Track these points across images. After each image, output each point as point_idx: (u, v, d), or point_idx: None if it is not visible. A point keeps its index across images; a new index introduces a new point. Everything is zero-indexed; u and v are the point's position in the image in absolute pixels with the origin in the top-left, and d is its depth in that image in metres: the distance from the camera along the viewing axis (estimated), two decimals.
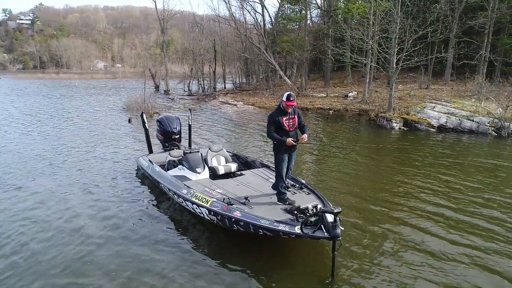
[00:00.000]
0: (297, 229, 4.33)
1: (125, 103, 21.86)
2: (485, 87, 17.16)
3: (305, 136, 5.29)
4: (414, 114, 15.93)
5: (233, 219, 4.89)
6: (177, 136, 8.98)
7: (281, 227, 4.44)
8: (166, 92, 32.19)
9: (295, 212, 4.84)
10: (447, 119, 14.94)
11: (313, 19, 35.56)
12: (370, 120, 16.85)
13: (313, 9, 33.23)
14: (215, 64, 33.58)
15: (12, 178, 8.15)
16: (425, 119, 15.21)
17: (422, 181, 8.17)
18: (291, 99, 5.19)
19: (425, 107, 16.42)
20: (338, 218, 4.21)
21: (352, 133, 14.58)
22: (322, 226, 4.22)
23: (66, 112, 19.79)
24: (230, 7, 32.66)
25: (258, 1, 29.54)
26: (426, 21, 17.75)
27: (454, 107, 15.83)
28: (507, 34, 24.32)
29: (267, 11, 36.55)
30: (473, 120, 14.39)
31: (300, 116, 5.48)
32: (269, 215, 4.82)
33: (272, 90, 26.89)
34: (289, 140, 5.14)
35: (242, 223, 4.79)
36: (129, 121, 16.49)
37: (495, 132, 13.62)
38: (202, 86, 32.66)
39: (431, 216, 6.20)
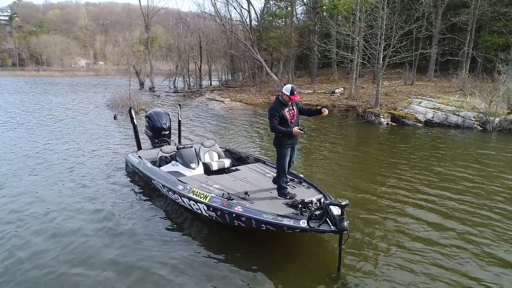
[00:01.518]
0: (302, 223, 4.22)
1: (109, 100, 21.46)
2: (469, 83, 17.47)
3: (325, 109, 5.10)
4: (401, 110, 16.09)
5: (234, 215, 4.76)
6: (167, 132, 8.78)
7: (285, 221, 4.33)
8: (151, 89, 31.70)
9: (299, 205, 4.73)
10: (433, 114, 15.14)
11: (298, 16, 35.62)
12: (358, 115, 16.93)
13: (298, 6, 33.26)
14: (201, 61, 33.24)
15: None
16: (412, 114, 15.38)
17: (415, 173, 8.29)
18: (295, 93, 5.03)
19: (411, 102, 16.60)
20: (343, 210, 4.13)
21: (341, 129, 14.63)
22: (327, 219, 4.13)
23: (50, 109, 19.26)
24: (215, 3, 32.45)
25: None
26: (411, 17, 17.95)
27: (439, 102, 16.06)
28: (488, 31, 24.83)
29: (253, 7, 36.39)
30: (458, 115, 14.62)
31: (298, 104, 5.37)
32: (271, 209, 4.70)
33: (259, 86, 26.82)
34: (296, 129, 4.94)
35: (243, 219, 4.66)
36: (115, 117, 16.18)
37: (480, 126, 13.86)
38: (188, 83, 32.30)
39: (426, 205, 6.35)
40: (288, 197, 5.22)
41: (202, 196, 5.23)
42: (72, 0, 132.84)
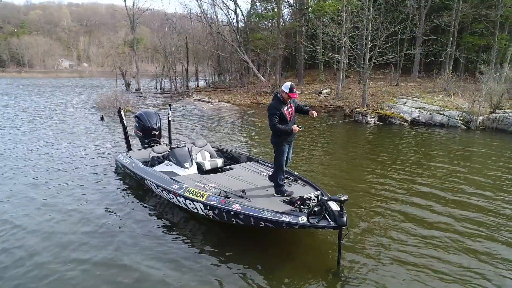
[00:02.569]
0: (301, 220, 4.25)
1: (95, 102, 21.16)
2: (453, 83, 17.89)
3: (313, 111, 5.25)
4: (388, 109, 16.36)
5: (232, 213, 4.75)
6: (157, 132, 8.70)
7: (284, 218, 4.35)
8: (138, 90, 31.43)
9: (298, 202, 4.76)
10: (419, 113, 15.45)
11: (284, 17, 35.80)
12: (345, 115, 17.14)
13: (285, 7, 33.43)
14: (188, 62, 33.08)
15: None
16: (399, 114, 15.66)
17: (404, 169, 8.51)
18: (294, 90, 5.05)
19: (397, 102, 16.90)
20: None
21: (329, 128, 14.78)
22: (326, 215, 4.17)
23: (35, 111, 18.87)
24: (201, 4, 32.42)
25: None
26: (396, 19, 18.27)
27: (424, 102, 16.39)
28: (469, 32, 25.48)
29: (240, 8, 36.42)
30: (443, 114, 14.96)
31: (295, 101, 5.42)
32: (270, 207, 4.71)
33: (246, 87, 26.86)
34: (295, 127, 5.04)
35: (242, 216, 4.66)
36: (101, 119, 15.97)
37: (464, 125, 14.21)
38: (175, 84, 32.12)
39: (417, 199, 6.59)
40: (285, 195, 5.24)
41: (198, 195, 5.20)
42: (54, 1, 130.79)
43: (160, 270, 4.35)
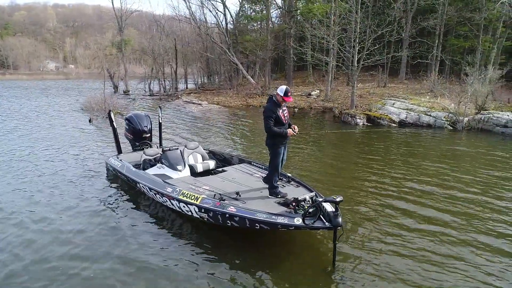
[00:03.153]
0: (296, 221, 4.27)
1: (83, 104, 20.91)
2: (439, 84, 18.22)
3: (295, 127, 5.30)
4: (376, 111, 16.59)
5: (227, 215, 4.74)
6: (148, 135, 8.64)
7: (280, 219, 4.36)
8: (126, 92, 31.17)
9: (293, 203, 4.77)
10: (406, 114, 15.70)
11: (273, 19, 35.96)
12: (334, 117, 17.32)
13: (273, 10, 33.59)
14: (177, 63, 32.98)
15: None
16: (387, 115, 15.88)
17: (394, 168, 8.71)
18: (289, 94, 5.08)
19: (385, 104, 17.14)
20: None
21: (320, 129, 14.91)
22: (321, 216, 4.21)
23: (21, 113, 18.58)
24: (190, 6, 32.42)
25: (219, 1, 29.40)
26: (383, 22, 18.56)
27: (412, 103, 16.66)
28: (455, 35, 26.01)
29: (228, 10, 36.45)
30: (430, 115, 15.23)
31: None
32: (265, 208, 4.71)
33: (236, 89, 26.90)
34: (290, 130, 5.13)
35: (237, 218, 4.66)
36: (90, 121, 15.80)
37: (450, 126, 14.49)
38: (164, 86, 31.97)
39: (408, 196, 6.83)
40: (279, 196, 5.26)
41: (193, 197, 5.18)
42: (39, 2, 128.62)
43: (154, 273, 4.33)
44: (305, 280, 4.22)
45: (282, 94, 5.06)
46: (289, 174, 6.11)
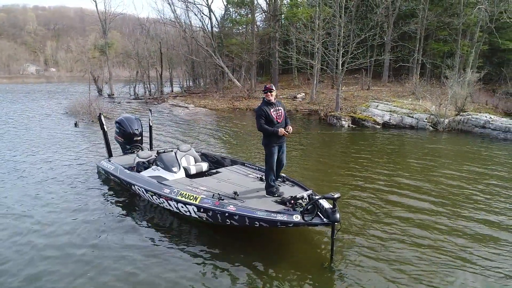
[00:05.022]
0: (295, 218, 4.42)
1: (67, 108, 20.64)
2: (421, 87, 18.77)
3: (290, 127, 5.44)
4: (360, 113, 16.98)
5: (226, 214, 4.85)
6: (139, 138, 8.70)
7: (279, 217, 4.50)
8: (111, 96, 30.87)
9: (292, 201, 4.91)
10: (390, 116, 16.13)
11: (258, 23, 36.26)
12: (320, 119, 17.64)
13: (258, 14, 33.88)
14: (162, 66, 32.86)
15: None
16: (371, 117, 16.29)
17: (380, 167, 9.17)
18: (267, 91, 5.33)
19: (369, 106, 17.55)
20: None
21: (306, 131, 15.19)
22: (319, 212, 4.38)
23: (4, 117, 18.25)
24: (174, 10, 32.43)
25: (205, 5, 29.53)
26: (366, 26, 19.03)
27: (395, 106, 17.12)
28: (435, 39, 26.81)
29: (214, 14, 36.57)
30: (413, 117, 15.69)
31: (284, 108, 5.63)
32: (263, 207, 4.84)
33: (222, 92, 27.01)
34: (281, 130, 5.25)
35: (237, 217, 4.78)
36: (76, 125, 15.67)
37: (432, 127, 14.97)
38: (149, 89, 31.81)
39: (397, 190, 7.38)
40: (276, 195, 5.39)
41: (191, 197, 5.27)
42: (18, 4, 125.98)
43: (151, 272, 4.42)
44: (304, 274, 4.38)
45: (263, 91, 5.40)
46: (283, 174, 6.23)
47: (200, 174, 6.91)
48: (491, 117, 14.18)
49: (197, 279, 4.30)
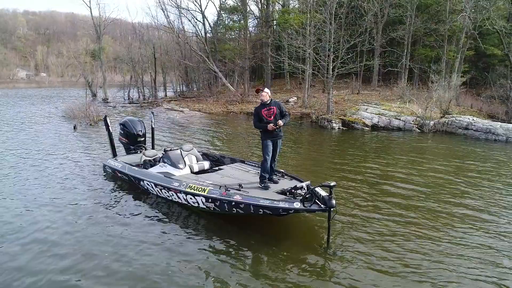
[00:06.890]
0: (295, 205, 4.97)
1: (64, 112, 20.91)
2: (408, 91, 19.54)
3: (280, 121, 5.95)
4: (351, 116, 17.64)
5: (233, 203, 5.38)
6: (142, 139, 9.15)
7: (281, 204, 5.07)
8: (105, 100, 31.17)
9: (292, 191, 5.47)
10: (378, 119, 16.82)
11: (250, 29, 36.93)
12: (312, 122, 18.27)
13: (251, 20, 34.56)
14: (155, 71, 33.29)
15: None
16: (361, 119, 16.96)
17: (370, 165, 9.77)
18: (260, 92, 6.11)
19: (359, 109, 18.23)
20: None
21: (298, 133, 15.79)
22: (316, 200, 4.92)
23: (5, 119, 18.52)
24: (168, 15, 32.90)
25: (198, 11, 30.10)
26: (356, 32, 19.76)
27: (383, 109, 17.83)
28: (422, 45, 27.75)
29: (207, 20, 37.13)
30: (400, 119, 16.40)
31: (281, 106, 6.21)
32: (266, 197, 5.36)
33: (216, 96, 27.52)
34: (270, 125, 5.91)
35: (242, 205, 5.31)
36: (74, 128, 16.02)
37: (418, 129, 15.70)
38: (143, 93, 32.19)
39: (388, 181, 8.15)
40: (271, 182, 6.05)
41: (200, 189, 5.78)
42: (8, 8, 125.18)
43: (159, 258, 4.80)
44: (303, 257, 4.86)
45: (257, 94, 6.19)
46: (282, 170, 6.77)
47: (203, 172, 7.34)
48: (473, 119, 14.95)
49: (200, 266, 4.67)
